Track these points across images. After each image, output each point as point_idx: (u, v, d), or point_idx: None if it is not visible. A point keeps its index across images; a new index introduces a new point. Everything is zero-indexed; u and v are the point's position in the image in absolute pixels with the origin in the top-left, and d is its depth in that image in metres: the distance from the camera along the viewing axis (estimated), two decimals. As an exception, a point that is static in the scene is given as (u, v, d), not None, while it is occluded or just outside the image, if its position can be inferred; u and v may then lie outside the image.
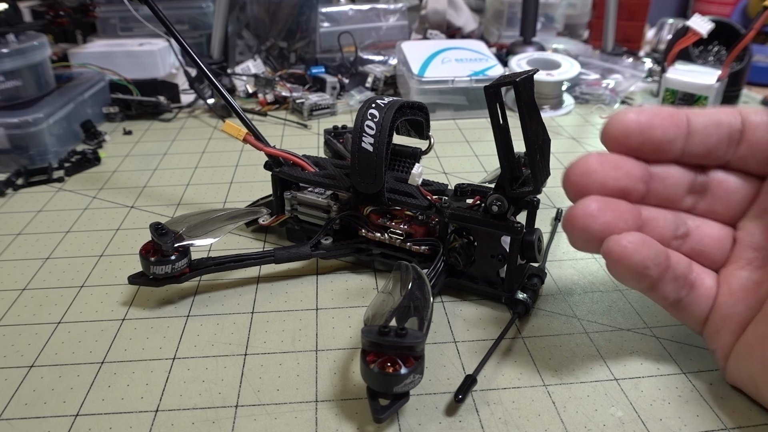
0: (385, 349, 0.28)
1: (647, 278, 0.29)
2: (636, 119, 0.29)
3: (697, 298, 0.31)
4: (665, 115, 0.29)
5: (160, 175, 0.59)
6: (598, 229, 0.28)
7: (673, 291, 0.30)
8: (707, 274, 0.31)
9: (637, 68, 0.88)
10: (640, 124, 0.29)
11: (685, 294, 0.31)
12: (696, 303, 0.31)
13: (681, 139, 0.30)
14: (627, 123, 0.30)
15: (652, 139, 0.29)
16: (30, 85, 0.63)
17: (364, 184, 0.39)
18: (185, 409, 0.30)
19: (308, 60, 0.89)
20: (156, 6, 0.46)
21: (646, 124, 0.29)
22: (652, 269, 0.28)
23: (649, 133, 0.29)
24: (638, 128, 0.29)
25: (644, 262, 0.28)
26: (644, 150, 0.30)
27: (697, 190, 0.31)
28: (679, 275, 0.30)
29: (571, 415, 0.30)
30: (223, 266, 0.40)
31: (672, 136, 0.29)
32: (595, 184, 0.29)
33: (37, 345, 0.35)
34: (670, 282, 0.30)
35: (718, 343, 0.31)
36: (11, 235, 0.48)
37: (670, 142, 0.30)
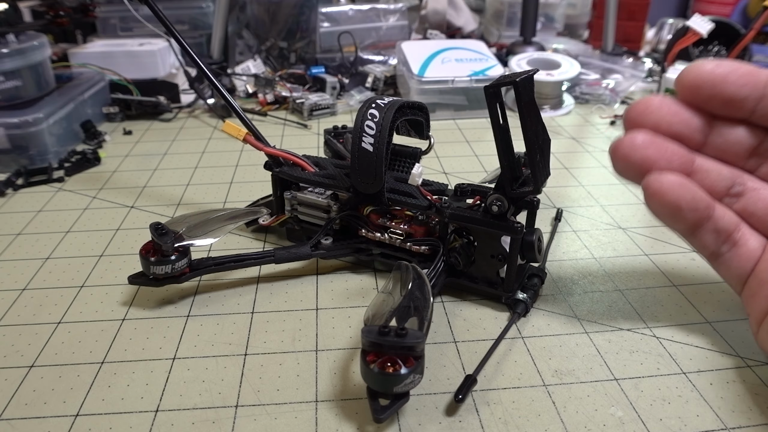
0: (385, 349, 0.28)
1: (682, 220, 0.29)
2: (711, 71, 0.29)
3: (737, 257, 0.31)
4: (742, 72, 0.29)
5: (160, 175, 0.59)
6: (638, 160, 0.29)
7: (714, 242, 0.30)
8: (754, 237, 0.31)
9: (637, 68, 0.88)
10: (714, 77, 0.29)
11: (726, 250, 0.31)
12: (736, 260, 0.31)
13: (754, 99, 0.29)
14: (701, 73, 0.29)
15: (722, 93, 0.29)
16: (30, 85, 0.63)
17: (364, 184, 0.39)
18: (185, 409, 0.30)
19: (308, 60, 0.89)
20: (156, 6, 0.46)
21: (720, 78, 0.29)
22: (686, 212, 0.29)
23: (721, 87, 0.29)
24: (711, 80, 0.29)
25: (678, 202, 0.28)
26: (713, 103, 0.30)
27: (761, 153, 0.31)
28: (722, 228, 0.30)
29: (571, 415, 0.30)
30: (223, 266, 0.40)
31: (744, 95, 0.29)
32: (649, 123, 0.30)
33: (37, 345, 0.35)
34: (710, 232, 0.30)
35: (753, 307, 0.31)
36: (11, 235, 0.48)
37: (741, 100, 0.29)
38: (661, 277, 0.42)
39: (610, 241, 0.46)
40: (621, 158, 0.30)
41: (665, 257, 0.44)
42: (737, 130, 0.31)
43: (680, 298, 0.39)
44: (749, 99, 0.29)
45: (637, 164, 0.29)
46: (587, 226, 0.49)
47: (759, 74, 0.29)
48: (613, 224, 0.49)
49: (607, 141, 0.68)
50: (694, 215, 0.29)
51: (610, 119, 0.74)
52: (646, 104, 0.30)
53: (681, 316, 0.38)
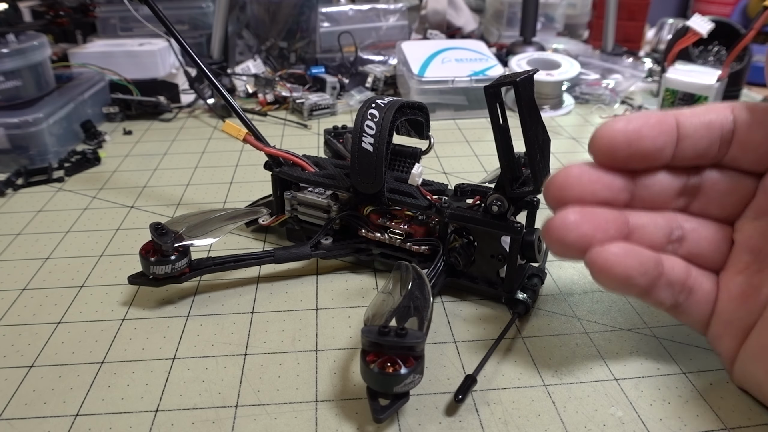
0: (385, 349, 0.28)
1: (635, 287, 0.28)
2: (623, 130, 0.28)
3: (696, 303, 0.30)
4: (653, 123, 0.28)
5: (160, 175, 0.59)
6: (575, 240, 0.27)
7: (670, 296, 0.29)
8: (706, 278, 0.31)
9: (637, 68, 0.88)
10: (628, 136, 0.28)
11: (684, 299, 0.30)
12: (695, 307, 0.30)
13: (671, 146, 0.28)
14: (614, 135, 0.28)
15: (640, 150, 0.28)
16: (30, 85, 0.63)
17: (364, 184, 0.39)
18: (185, 409, 0.30)
19: (308, 60, 0.89)
20: (156, 6, 0.46)
21: (634, 135, 0.28)
22: (638, 278, 0.28)
23: (638, 144, 0.28)
24: (625, 140, 0.28)
25: (627, 272, 0.27)
26: (633, 162, 0.29)
27: (689, 192, 0.30)
28: (675, 281, 0.29)
29: (571, 415, 0.30)
30: (223, 266, 0.40)
31: (661, 145, 0.28)
32: (573, 199, 0.28)
33: (37, 345, 0.35)
34: (665, 288, 0.29)
35: (722, 347, 0.31)
36: (11, 235, 0.48)
37: (659, 150, 0.28)
38: (661, 277, 0.42)
39: (610, 241, 0.46)
40: (557, 241, 0.28)
41: (665, 257, 0.44)
42: (660, 178, 0.30)
43: (680, 298, 0.39)
44: (667, 147, 0.28)
45: (576, 244, 0.28)
46: (587, 226, 0.49)
47: (668, 120, 0.28)
48: (613, 224, 0.49)
49: (607, 141, 0.67)
50: (646, 279, 0.28)
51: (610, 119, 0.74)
52: (565, 176, 0.29)
53: (681, 316, 0.38)
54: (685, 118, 0.29)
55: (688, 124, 0.29)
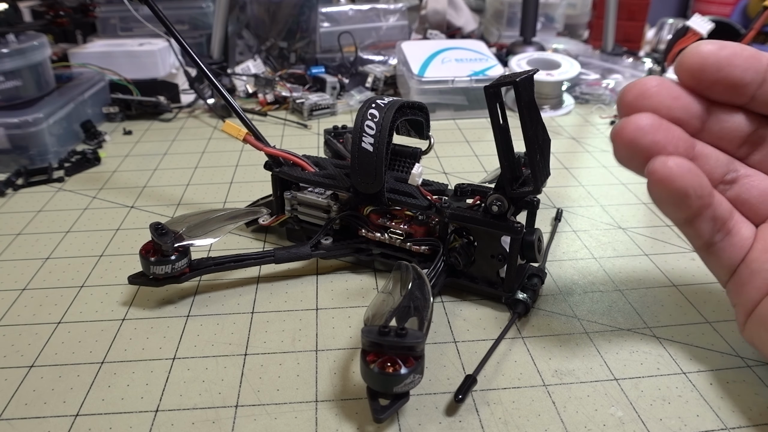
0: (385, 349, 0.28)
1: (686, 208, 0.28)
2: (715, 53, 0.27)
3: (730, 246, 0.30)
4: (747, 56, 0.28)
5: (160, 175, 0.59)
6: (646, 145, 0.27)
7: (709, 231, 0.29)
8: (746, 225, 0.30)
9: (637, 68, 0.88)
10: (719, 60, 0.27)
11: (720, 239, 0.30)
12: (728, 250, 0.30)
13: (756, 84, 0.28)
14: (705, 56, 0.28)
15: (728, 78, 0.28)
16: (30, 85, 0.63)
17: (364, 184, 0.39)
18: (185, 409, 0.30)
19: (308, 60, 0.89)
20: (156, 6, 0.46)
21: (726, 61, 0.27)
22: (693, 199, 0.28)
23: (727, 71, 0.28)
24: (716, 64, 0.28)
25: (686, 188, 0.27)
26: (716, 89, 0.28)
27: (754, 141, 0.30)
28: (718, 217, 0.29)
29: (571, 415, 0.30)
30: (223, 266, 0.40)
31: (749, 79, 0.28)
32: (647, 108, 0.28)
33: (37, 345, 0.35)
34: (708, 221, 0.29)
35: (742, 297, 0.30)
36: (11, 235, 0.48)
37: (744, 85, 0.28)
38: (661, 277, 0.42)
39: (610, 241, 0.46)
40: (626, 143, 0.28)
41: (665, 257, 0.44)
42: (735, 117, 0.29)
43: (680, 298, 0.39)
44: (752, 84, 0.28)
45: (645, 149, 0.27)
46: (587, 226, 0.49)
47: (761, 58, 0.28)
48: (613, 224, 0.49)
49: (608, 141, 0.68)
50: (699, 202, 0.28)
51: (610, 119, 0.74)
52: (643, 86, 0.28)
53: (681, 316, 0.38)
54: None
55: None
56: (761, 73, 0.28)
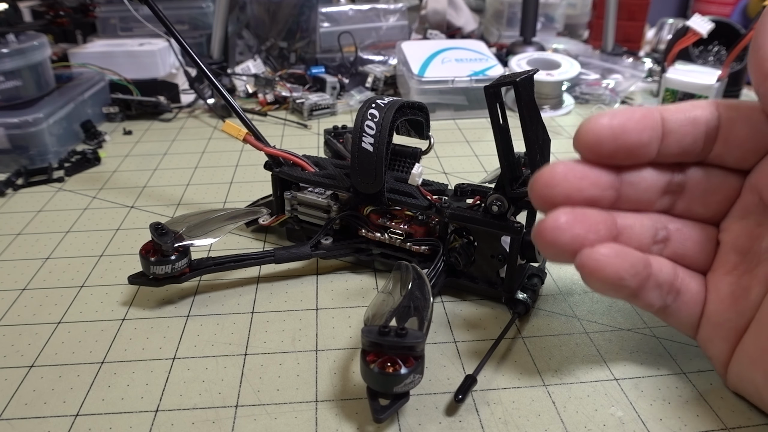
0: (385, 349, 0.28)
1: (625, 289, 0.28)
2: (609, 124, 0.28)
3: (685, 304, 0.30)
4: (638, 118, 0.28)
5: (160, 175, 0.59)
6: (567, 242, 0.27)
7: (658, 298, 0.29)
8: (693, 279, 0.30)
9: (637, 68, 0.88)
10: (613, 130, 0.28)
11: (672, 300, 0.30)
12: (684, 309, 0.30)
13: (656, 141, 0.28)
14: (599, 130, 0.28)
15: (625, 144, 0.28)
16: (30, 85, 0.63)
17: (364, 184, 0.39)
18: (185, 409, 0.30)
19: (308, 60, 0.89)
20: (156, 6, 0.46)
21: (619, 129, 0.28)
22: (628, 280, 0.27)
23: (623, 139, 0.28)
24: (611, 134, 0.28)
25: (619, 273, 0.27)
26: (618, 156, 0.28)
27: (673, 190, 0.30)
28: (663, 282, 0.29)
29: (571, 415, 0.30)
30: (223, 266, 0.40)
31: (646, 140, 0.28)
32: (560, 197, 0.28)
33: (37, 345, 0.35)
34: (653, 289, 0.29)
35: (713, 351, 0.30)
36: (11, 235, 0.48)
37: (644, 146, 0.28)
38: (661, 277, 0.42)
39: (610, 241, 0.46)
40: (549, 244, 0.27)
41: (665, 257, 0.44)
42: (645, 176, 0.29)
43: (680, 298, 0.39)
44: (652, 142, 0.28)
45: (568, 246, 0.27)
46: (587, 226, 0.49)
47: (653, 115, 0.28)
48: (613, 224, 0.49)
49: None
50: (636, 280, 0.28)
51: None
52: (551, 174, 0.28)
53: (681, 316, 0.38)
54: (670, 113, 0.28)
55: (673, 120, 0.28)
56: (657, 129, 0.28)
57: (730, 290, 0.29)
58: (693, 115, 0.28)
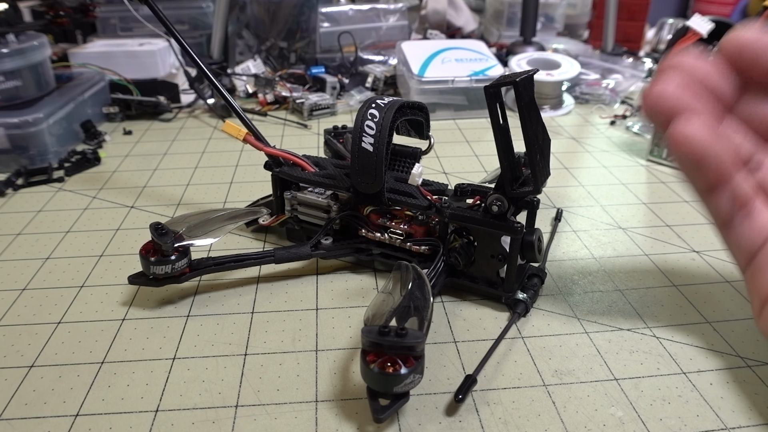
0: (385, 349, 0.28)
1: (705, 174, 0.28)
2: (754, 39, 0.28)
3: (750, 229, 0.30)
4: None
5: (160, 175, 0.59)
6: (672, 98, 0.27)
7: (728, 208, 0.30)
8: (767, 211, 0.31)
9: (637, 68, 0.88)
10: (757, 45, 0.28)
11: (740, 219, 0.30)
12: (747, 233, 0.30)
13: None
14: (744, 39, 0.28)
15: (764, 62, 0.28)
16: (30, 85, 0.63)
17: (364, 184, 0.39)
18: (185, 409, 0.30)
19: (308, 60, 0.89)
20: (156, 6, 0.46)
21: (765, 46, 0.28)
22: (711, 165, 0.28)
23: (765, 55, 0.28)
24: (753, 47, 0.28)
25: (706, 151, 0.27)
26: (753, 71, 0.28)
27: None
28: (739, 195, 0.30)
29: (571, 415, 0.30)
30: (223, 266, 0.40)
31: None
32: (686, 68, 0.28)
33: (37, 345, 0.35)
34: (728, 196, 0.29)
35: (759, 284, 0.30)
36: (11, 235, 0.48)
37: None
38: (661, 277, 0.42)
39: (610, 241, 0.46)
40: (655, 96, 0.28)
41: (665, 257, 0.44)
42: (765, 104, 0.29)
43: (680, 298, 0.39)
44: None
45: (671, 103, 0.28)
46: (587, 226, 0.49)
47: None
48: (613, 224, 0.49)
49: (608, 141, 0.68)
50: (718, 171, 0.28)
51: (610, 119, 0.74)
52: (684, 53, 0.29)
53: (681, 316, 0.38)
54: None
55: None
56: None
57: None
58: None
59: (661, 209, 0.51)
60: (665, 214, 0.51)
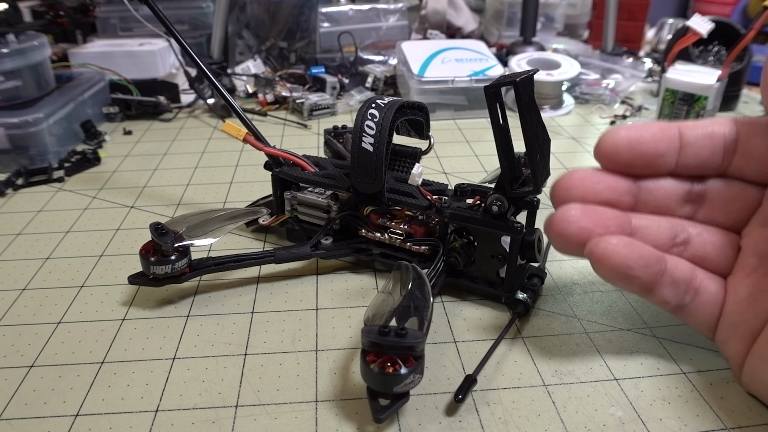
0: (385, 349, 0.28)
1: (635, 279, 0.29)
2: (626, 135, 0.30)
3: (702, 304, 0.31)
4: (656, 130, 0.30)
5: (160, 175, 0.59)
6: (574, 232, 0.29)
7: (674, 296, 0.30)
8: (712, 281, 0.31)
9: (637, 68, 0.88)
10: (630, 140, 0.30)
11: (689, 299, 0.30)
12: (702, 309, 0.31)
13: (673, 152, 0.30)
14: (616, 140, 0.30)
15: (642, 153, 0.30)
16: (30, 85, 0.63)
17: (364, 184, 0.39)
18: (185, 409, 0.30)
19: (308, 60, 0.89)
20: (156, 6, 0.46)
21: (636, 139, 0.30)
22: (637, 270, 0.28)
23: (639, 148, 0.30)
24: (627, 143, 0.30)
25: (627, 263, 0.28)
26: (635, 165, 0.30)
27: (693, 200, 0.31)
28: (679, 279, 0.30)
29: (571, 415, 0.30)
30: (223, 266, 0.40)
31: (663, 150, 0.30)
32: (576, 198, 0.30)
33: (37, 345, 0.35)
34: (669, 286, 0.29)
35: (730, 351, 0.31)
36: (11, 235, 0.48)
37: (661, 156, 0.30)
38: (661, 277, 0.42)
39: (610, 241, 0.46)
40: (557, 234, 0.29)
41: (665, 257, 0.44)
42: (664, 185, 0.31)
43: (680, 298, 0.39)
44: (669, 153, 0.30)
45: (575, 237, 0.29)
46: (587, 226, 0.49)
47: (671, 128, 0.30)
48: (613, 224, 0.49)
49: (607, 141, 0.67)
50: (647, 272, 0.29)
51: (610, 119, 0.74)
52: (569, 178, 0.31)
53: (681, 316, 0.38)
54: (688, 128, 0.30)
55: (691, 134, 0.30)
56: (675, 141, 0.30)
57: (748, 292, 0.30)
58: (710, 129, 0.30)
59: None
60: (665, 214, 0.50)
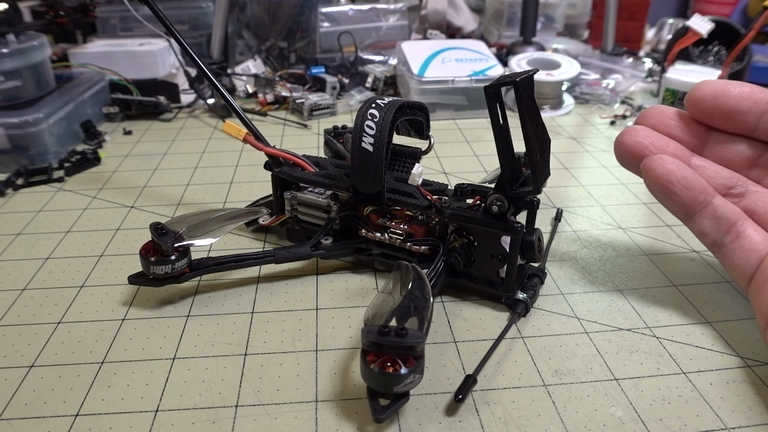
0: (385, 349, 0.28)
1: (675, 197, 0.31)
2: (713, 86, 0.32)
3: (741, 249, 0.32)
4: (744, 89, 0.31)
5: (160, 175, 0.59)
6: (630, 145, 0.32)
7: (713, 230, 0.32)
8: (758, 232, 0.32)
9: (637, 68, 0.88)
10: (715, 91, 0.32)
11: (730, 240, 0.32)
12: (740, 253, 0.32)
13: (755, 114, 0.31)
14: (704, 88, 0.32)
15: (722, 106, 0.31)
16: (30, 85, 0.63)
17: (364, 184, 0.39)
18: (185, 409, 0.30)
19: (308, 60, 0.89)
20: (156, 6, 0.46)
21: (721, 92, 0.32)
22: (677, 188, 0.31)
23: (721, 100, 0.31)
24: (712, 94, 0.32)
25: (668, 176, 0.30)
26: (715, 115, 0.32)
27: (764, 165, 0.33)
28: (722, 217, 0.31)
29: (571, 415, 0.30)
30: (223, 266, 0.40)
31: (744, 109, 0.31)
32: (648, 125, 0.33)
33: (37, 345, 0.35)
34: (710, 218, 0.31)
35: (760, 303, 0.31)
36: (11, 235, 0.48)
37: (741, 113, 0.31)
38: (661, 277, 0.42)
39: (610, 241, 0.46)
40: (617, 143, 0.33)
41: (665, 257, 0.44)
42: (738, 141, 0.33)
43: (680, 298, 0.39)
44: (749, 114, 0.31)
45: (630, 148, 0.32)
46: (587, 226, 0.49)
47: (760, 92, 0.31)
48: (613, 224, 0.49)
49: (608, 141, 0.68)
50: (687, 194, 0.31)
51: (610, 119, 0.74)
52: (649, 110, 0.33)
53: (681, 316, 0.38)
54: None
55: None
56: (760, 106, 0.31)
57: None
58: None
59: (661, 209, 0.51)
60: (665, 214, 0.51)
